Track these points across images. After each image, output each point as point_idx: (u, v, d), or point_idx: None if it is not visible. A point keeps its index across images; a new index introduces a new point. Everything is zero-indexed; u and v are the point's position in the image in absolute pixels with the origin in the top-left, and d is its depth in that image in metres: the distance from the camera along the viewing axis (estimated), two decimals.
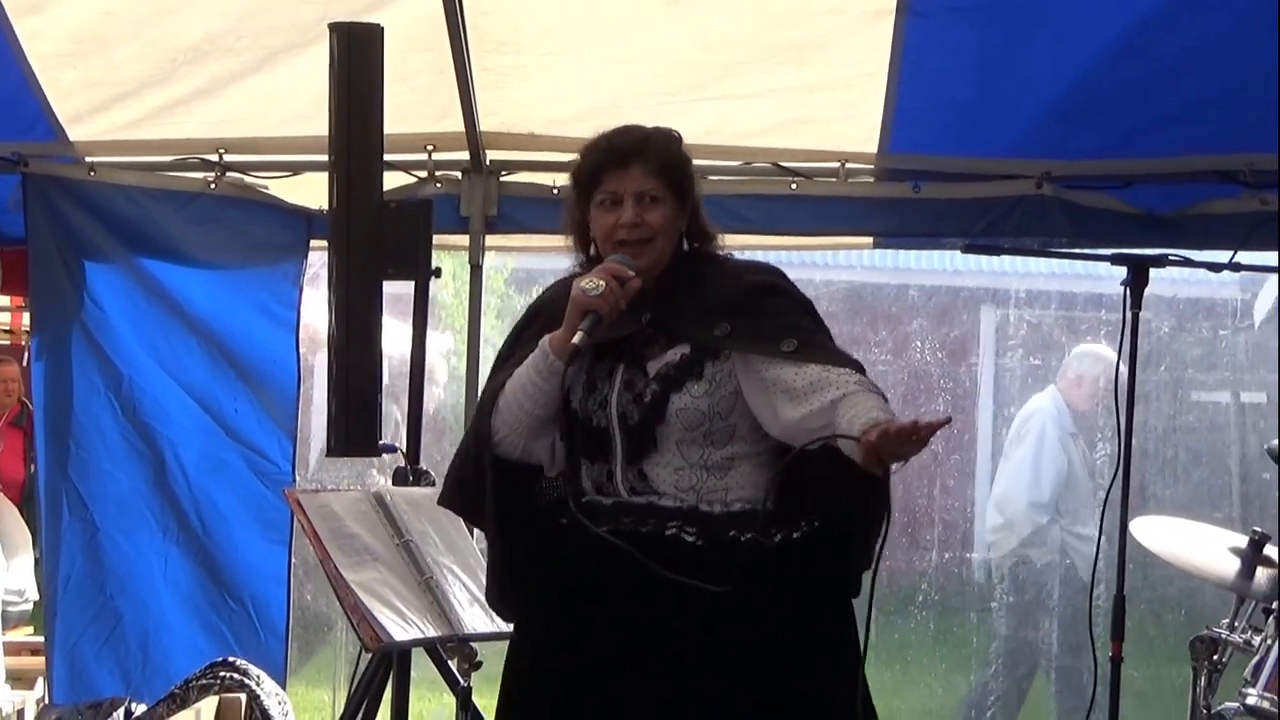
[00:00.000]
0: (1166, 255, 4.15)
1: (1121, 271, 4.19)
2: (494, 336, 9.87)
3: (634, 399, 3.68)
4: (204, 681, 5.15)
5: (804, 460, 3.57)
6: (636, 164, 3.70)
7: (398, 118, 4.84)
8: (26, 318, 7.01)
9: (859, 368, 3.63)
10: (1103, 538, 4.45)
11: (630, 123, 5.26)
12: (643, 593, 3.60)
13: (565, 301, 3.68)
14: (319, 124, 4.62)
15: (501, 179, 5.58)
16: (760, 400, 3.65)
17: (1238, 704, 4.62)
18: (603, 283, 3.61)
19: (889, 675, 8.51)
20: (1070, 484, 7.69)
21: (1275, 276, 8.38)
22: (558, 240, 5.79)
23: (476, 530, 4.80)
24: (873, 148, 5.45)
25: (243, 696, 5.14)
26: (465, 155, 5.51)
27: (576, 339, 3.57)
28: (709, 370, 3.67)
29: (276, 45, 5.15)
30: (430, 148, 5.48)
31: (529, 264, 9.80)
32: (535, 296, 3.90)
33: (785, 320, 3.75)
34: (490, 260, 9.28)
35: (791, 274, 3.93)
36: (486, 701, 5.64)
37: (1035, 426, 7.92)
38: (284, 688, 5.34)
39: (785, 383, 3.62)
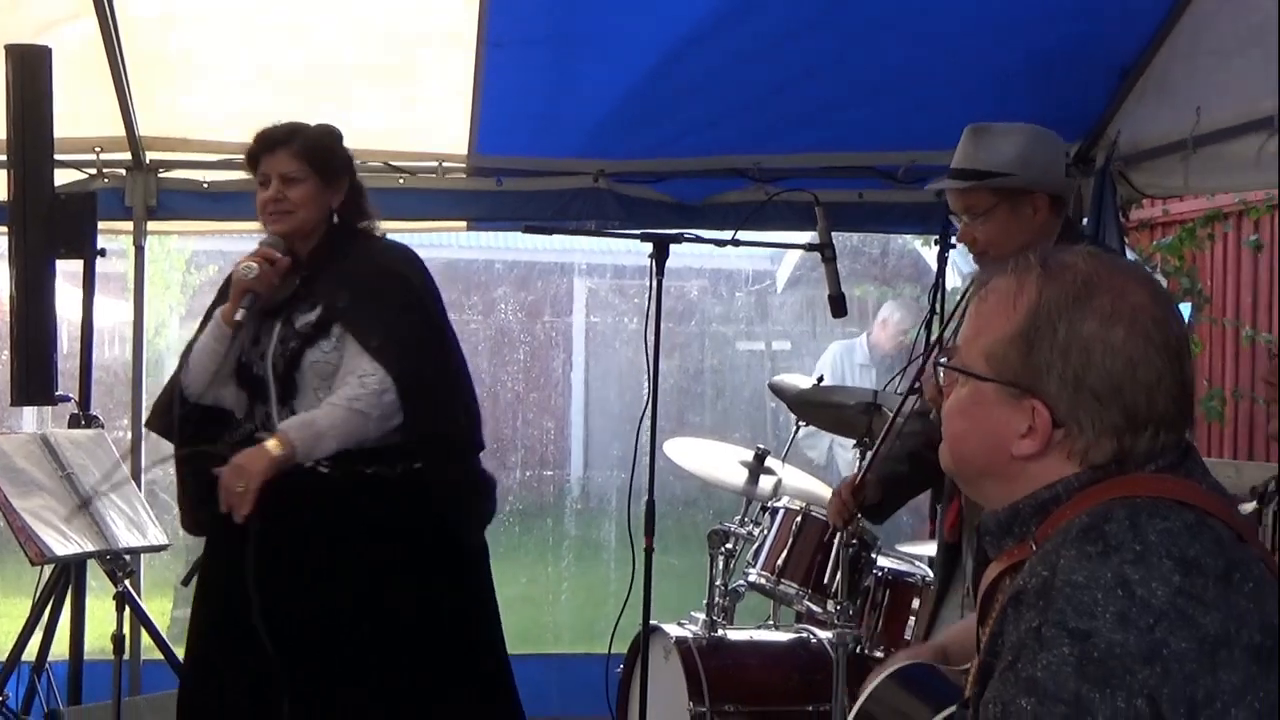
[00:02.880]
0: (683, 234, 4.27)
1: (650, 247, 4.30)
2: (179, 307, 10.03)
3: (284, 352, 3.85)
4: None
5: None
6: (282, 150, 3.89)
7: (70, 123, 4.92)
8: None
9: (416, 370, 3.81)
10: (639, 454, 4.73)
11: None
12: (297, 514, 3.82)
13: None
14: None
15: (160, 175, 5.63)
16: (345, 365, 3.86)
17: (743, 581, 5.02)
18: (256, 265, 3.79)
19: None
20: None
21: (790, 252, 9.17)
22: (209, 225, 5.99)
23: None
24: (464, 150, 5.66)
25: None
26: (128, 155, 5.56)
27: (239, 315, 3.78)
28: (335, 331, 3.84)
29: None
30: (98, 149, 5.54)
31: (205, 246, 9.79)
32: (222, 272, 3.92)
33: (387, 315, 3.86)
34: (174, 244, 9.42)
35: None
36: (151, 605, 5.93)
37: (830, 358, 8.22)
38: None
39: (351, 368, 3.82)
